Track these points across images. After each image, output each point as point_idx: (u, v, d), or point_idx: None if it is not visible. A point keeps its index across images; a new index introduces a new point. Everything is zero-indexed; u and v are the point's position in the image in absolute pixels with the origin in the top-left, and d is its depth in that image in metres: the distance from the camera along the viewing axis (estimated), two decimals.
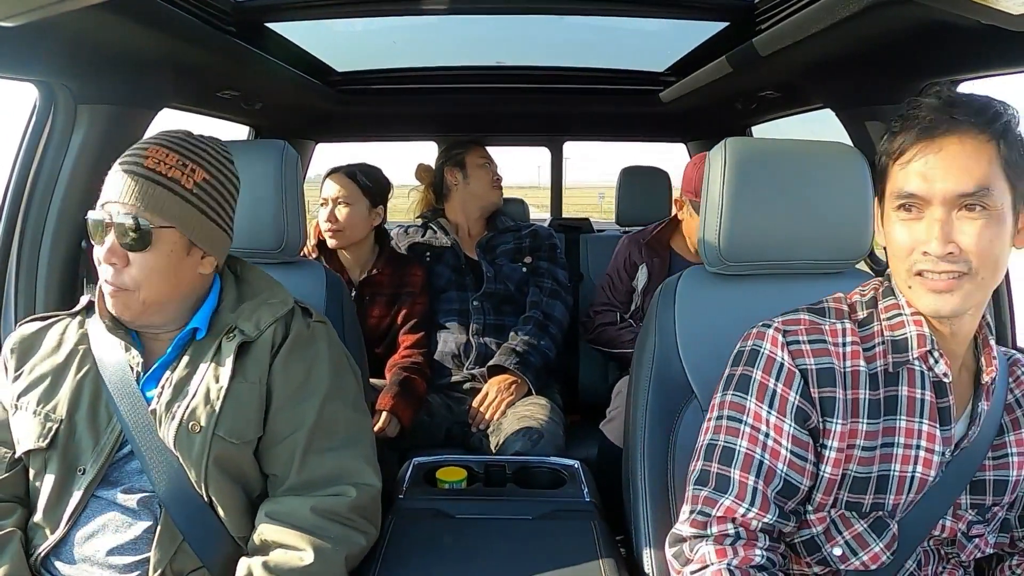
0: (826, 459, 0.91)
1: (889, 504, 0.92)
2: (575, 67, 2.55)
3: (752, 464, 0.91)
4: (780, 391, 0.91)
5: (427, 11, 1.83)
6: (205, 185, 1.04)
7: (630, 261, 2.11)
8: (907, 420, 0.91)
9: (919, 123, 0.85)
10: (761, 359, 0.93)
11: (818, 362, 0.92)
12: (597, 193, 24.30)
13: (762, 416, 0.92)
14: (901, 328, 0.92)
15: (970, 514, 0.95)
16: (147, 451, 1.01)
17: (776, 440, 0.91)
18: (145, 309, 1.03)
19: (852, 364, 0.92)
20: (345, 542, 1.02)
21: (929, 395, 0.91)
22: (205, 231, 1.04)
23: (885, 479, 0.91)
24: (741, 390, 0.94)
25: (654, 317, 1.25)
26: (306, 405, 1.05)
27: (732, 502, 0.90)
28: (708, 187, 1.20)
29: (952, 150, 0.83)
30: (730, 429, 0.93)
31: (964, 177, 0.82)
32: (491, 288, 2.05)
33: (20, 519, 1.04)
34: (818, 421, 0.91)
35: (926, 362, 0.92)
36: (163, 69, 1.59)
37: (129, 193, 0.99)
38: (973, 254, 0.83)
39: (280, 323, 1.08)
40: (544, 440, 1.70)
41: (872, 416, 0.91)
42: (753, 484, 0.90)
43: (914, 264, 0.86)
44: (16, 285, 1.51)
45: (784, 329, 0.94)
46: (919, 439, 0.91)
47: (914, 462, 0.91)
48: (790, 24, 1.43)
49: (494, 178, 2.21)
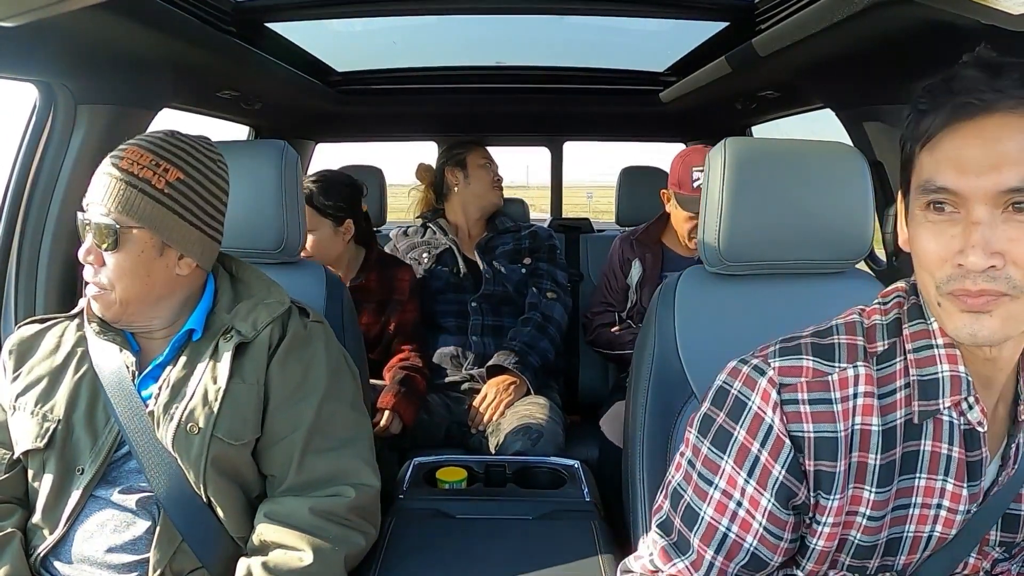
0: (818, 534, 0.76)
1: (899, 564, 0.79)
2: (575, 67, 2.55)
3: (714, 537, 0.76)
4: (764, 460, 0.74)
5: (427, 11, 1.83)
6: (179, 185, 1.02)
7: (623, 258, 2.12)
8: (928, 479, 0.75)
9: (953, 99, 0.66)
10: (747, 415, 0.75)
11: (818, 429, 0.73)
12: (585, 192, 24.24)
13: (737, 483, 0.75)
14: (931, 365, 0.73)
15: (997, 551, 0.81)
16: (145, 452, 1.01)
17: (749, 512, 0.75)
18: (123, 309, 1.03)
19: (862, 422, 0.74)
20: (344, 542, 1.02)
21: (957, 451, 0.74)
22: (179, 232, 1.03)
23: (896, 542, 0.77)
24: (718, 447, 0.77)
25: (654, 317, 1.25)
26: (304, 405, 1.05)
27: (686, 567, 0.78)
28: (708, 187, 1.20)
29: (996, 132, 0.64)
30: (698, 489, 0.78)
31: (1012, 167, 0.63)
32: (489, 289, 2.05)
33: (20, 520, 1.04)
34: (808, 497, 0.75)
35: (957, 408, 0.74)
36: (163, 69, 1.59)
37: (104, 194, 1.00)
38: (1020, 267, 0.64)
39: (277, 323, 1.08)
40: (544, 439, 1.69)
41: (882, 484, 0.74)
42: (711, 559, 0.77)
43: (948, 280, 0.67)
44: (16, 285, 1.51)
45: (780, 383, 0.75)
46: (940, 498, 0.75)
47: (932, 522, 0.76)
48: (790, 24, 1.43)
49: (494, 179, 2.20)
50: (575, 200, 26.02)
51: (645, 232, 2.12)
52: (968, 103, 0.65)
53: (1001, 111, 0.64)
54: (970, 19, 1.00)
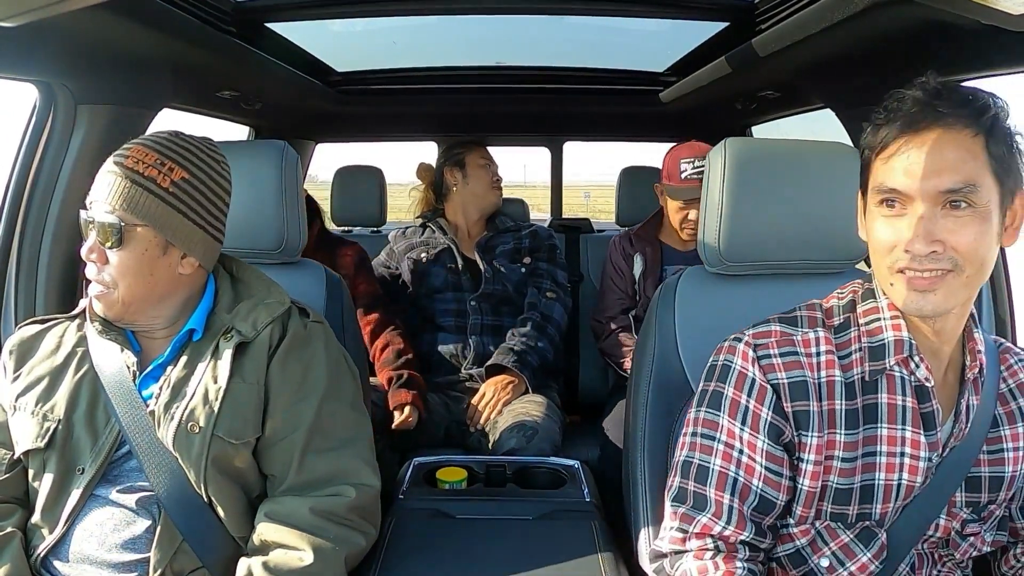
0: (803, 472, 0.89)
1: (876, 513, 0.90)
2: (575, 67, 2.55)
3: (727, 482, 0.89)
4: (752, 407, 0.89)
5: (427, 11, 1.83)
6: (184, 184, 1.03)
7: (625, 253, 2.12)
8: (888, 428, 0.88)
9: (902, 116, 0.82)
10: (732, 375, 0.91)
11: (790, 376, 0.89)
12: (583, 192, 24.11)
13: (735, 433, 0.90)
14: (879, 333, 0.89)
15: (965, 512, 0.92)
16: (145, 451, 1.01)
17: (750, 457, 0.89)
18: (125, 308, 1.03)
19: (827, 374, 0.89)
20: (344, 542, 1.02)
21: (911, 401, 0.89)
22: (182, 230, 1.03)
23: (870, 489, 0.89)
24: (713, 407, 0.92)
25: (654, 317, 1.25)
26: (304, 405, 1.05)
27: (709, 519, 0.89)
28: (708, 187, 1.20)
29: (937, 144, 0.79)
30: (704, 447, 0.91)
31: (949, 173, 0.78)
32: (489, 289, 2.05)
33: (20, 520, 1.04)
34: (792, 435, 0.89)
35: (907, 367, 0.89)
36: (163, 69, 1.59)
37: (108, 192, 1.00)
38: (958, 252, 0.79)
39: (277, 323, 1.08)
40: (538, 436, 1.69)
41: (850, 427, 0.88)
42: (729, 502, 0.88)
43: (896, 261, 0.82)
44: (16, 285, 1.51)
45: (754, 343, 0.92)
46: (903, 446, 0.88)
47: (899, 469, 0.88)
48: (790, 24, 1.43)
49: (494, 179, 2.19)
50: (572, 200, 25.95)
51: (643, 228, 2.14)
52: (915, 119, 0.81)
53: (941, 127, 0.80)
54: (970, 19, 1.00)
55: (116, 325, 1.06)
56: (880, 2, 1.13)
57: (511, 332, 1.98)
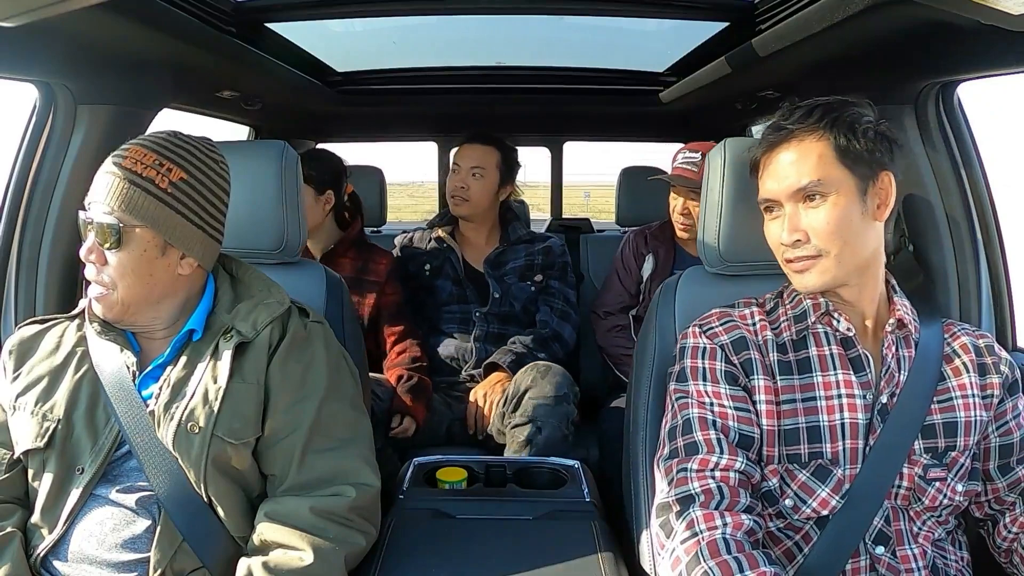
0: (759, 412, 1.02)
1: (828, 452, 1.00)
2: (575, 67, 2.55)
3: (707, 423, 1.01)
4: (707, 365, 1.05)
5: (427, 11, 1.83)
6: (182, 185, 1.03)
7: (637, 251, 2.12)
8: (823, 375, 1.03)
9: (764, 141, 1.04)
10: (687, 351, 1.08)
11: (731, 336, 1.06)
12: (583, 192, 23.94)
13: (702, 390, 1.04)
14: (800, 304, 1.07)
15: (925, 458, 1.01)
16: (145, 451, 1.01)
17: (720, 405, 1.02)
18: (125, 309, 1.03)
19: (762, 336, 1.07)
20: (344, 542, 1.02)
21: (837, 349, 1.04)
22: (181, 231, 1.03)
23: (816, 429, 1.01)
24: (681, 380, 1.07)
25: (654, 317, 1.25)
26: (304, 405, 1.05)
27: (704, 456, 0.99)
28: (708, 187, 1.20)
29: (787, 156, 1.01)
30: (681, 406, 1.05)
31: (795, 175, 0.99)
32: (496, 309, 2.02)
33: (20, 520, 1.04)
34: (745, 380, 1.04)
35: (829, 325, 1.05)
36: (163, 69, 1.59)
37: (107, 193, 1.00)
38: (818, 236, 0.98)
39: (277, 323, 1.08)
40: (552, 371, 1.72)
41: (784, 373, 1.04)
42: (716, 436, 1.00)
43: (783, 254, 1.03)
44: (16, 285, 1.51)
45: (699, 324, 1.10)
46: (838, 388, 1.02)
47: (840, 410, 1.01)
48: (790, 24, 1.43)
49: (452, 186, 2.05)
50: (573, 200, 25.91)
51: (660, 228, 2.13)
52: (772, 141, 1.03)
53: (791, 140, 1.01)
54: (970, 19, 1.00)
55: (115, 325, 1.06)
56: (880, 2, 1.13)
57: (514, 338, 1.97)
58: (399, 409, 1.76)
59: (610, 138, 3.48)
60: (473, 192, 2.03)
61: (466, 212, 2.06)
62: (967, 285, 1.55)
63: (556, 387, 1.69)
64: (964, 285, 1.55)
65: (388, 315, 1.94)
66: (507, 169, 2.09)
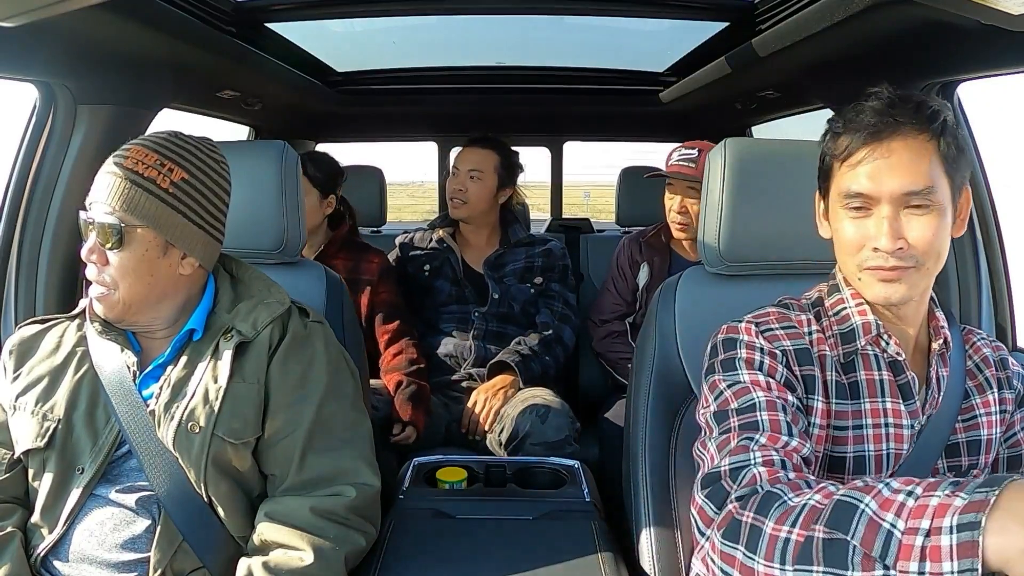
0: (811, 436, 0.91)
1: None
2: (575, 67, 2.55)
3: (775, 406, 0.88)
4: (768, 363, 0.93)
5: (427, 11, 1.83)
6: (184, 185, 1.03)
7: (632, 260, 2.10)
8: (871, 401, 0.95)
9: (866, 127, 0.89)
10: (740, 344, 0.95)
11: (795, 344, 0.95)
12: (583, 192, 23.80)
13: (759, 380, 0.91)
14: (847, 320, 0.97)
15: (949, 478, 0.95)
16: (145, 451, 1.01)
17: (780, 395, 0.90)
18: (126, 309, 1.03)
19: (819, 350, 0.96)
20: (344, 542, 1.02)
21: (887, 374, 0.96)
22: (182, 231, 1.03)
23: (862, 460, 0.94)
24: (729, 370, 0.93)
25: (654, 317, 1.25)
26: (304, 405, 1.05)
27: (771, 433, 0.85)
28: (708, 187, 1.20)
29: (898, 151, 0.87)
30: (737, 392, 0.91)
31: (910, 177, 0.86)
32: (495, 309, 2.03)
33: (20, 519, 1.04)
34: (803, 395, 0.93)
35: (878, 345, 0.96)
36: (163, 69, 1.59)
37: (108, 193, 0.99)
38: (920, 249, 0.87)
39: (277, 323, 1.08)
40: (552, 413, 1.70)
41: (841, 397, 0.95)
42: (785, 420, 0.87)
43: (865, 260, 0.90)
44: (16, 285, 1.51)
45: (756, 322, 0.97)
46: (886, 417, 0.95)
47: (886, 439, 0.94)
48: (790, 24, 1.43)
49: (451, 188, 2.05)
50: (572, 200, 25.79)
51: (654, 235, 2.10)
52: (877, 129, 0.88)
53: (900, 134, 0.87)
54: (970, 19, 1.00)
55: (116, 325, 1.06)
56: (880, 2, 1.13)
57: (519, 339, 1.97)
58: (399, 419, 1.76)
59: (610, 138, 3.49)
60: (471, 195, 2.03)
61: (464, 214, 2.06)
62: (967, 285, 1.55)
63: (557, 430, 1.69)
64: (964, 285, 1.55)
65: (382, 314, 1.93)
66: (507, 172, 2.09)
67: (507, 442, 1.74)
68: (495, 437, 1.80)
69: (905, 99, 0.89)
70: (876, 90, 0.91)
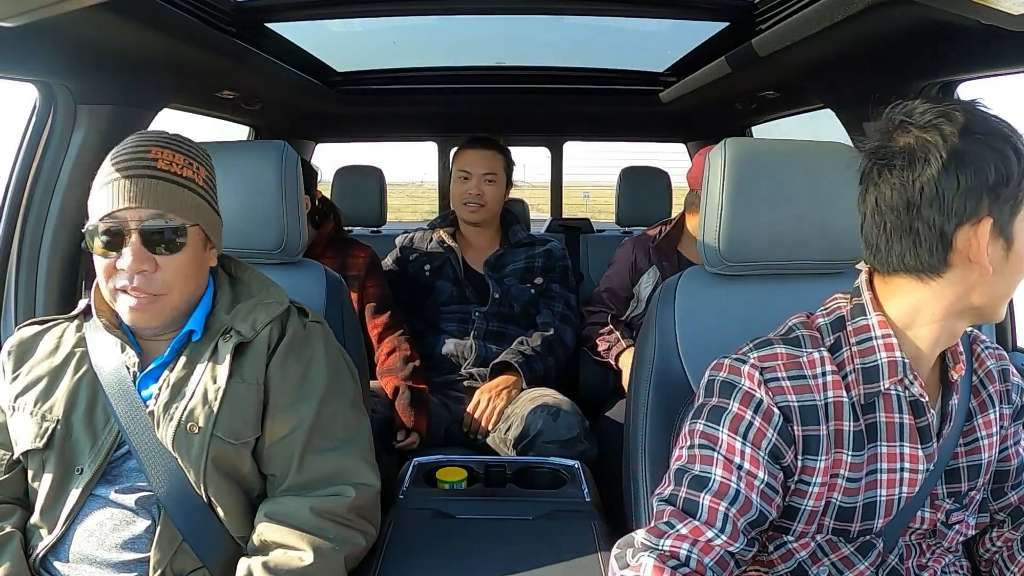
0: (808, 494, 0.88)
1: (877, 527, 0.90)
2: (575, 67, 2.55)
3: (727, 493, 0.84)
4: (758, 424, 0.86)
5: (427, 11, 1.83)
6: (208, 181, 1.07)
7: (635, 267, 2.07)
8: (888, 445, 0.88)
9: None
10: (738, 393, 0.88)
11: (800, 399, 0.86)
12: (582, 192, 23.70)
13: (735, 447, 0.85)
14: (871, 354, 0.87)
15: (948, 503, 0.94)
16: (145, 452, 1.01)
17: (751, 473, 0.85)
18: (172, 313, 1.03)
19: (834, 395, 0.87)
20: (344, 542, 1.02)
21: (908, 418, 0.89)
22: (216, 225, 1.08)
23: (872, 506, 0.89)
24: (713, 421, 0.88)
25: (654, 317, 1.25)
26: (304, 405, 1.05)
27: (698, 525, 0.83)
28: (708, 187, 1.20)
29: None
30: (704, 458, 0.87)
31: None
32: (495, 309, 2.02)
33: (19, 520, 1.04)
34: (793, 459, 0.86)
35: (900, 384, 0.88)
36: (163, 69, 1.59)
37: (149, 196, 0.98)
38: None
39: (276, 323, 1.09)
40: (563, 412, 1.70)
41: (856, 447, 0.88)
42: (725, 511, 0.83)
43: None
44: (16, 285, 1.51)
45: (761, 366, 0.88)
46: (902, 462, 0.89)
47: (899, 484, 0.89)
48: (790, 24, 1.43)
49: (467, 193, 2.04)
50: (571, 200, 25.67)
51: (665, 239, 2.07)
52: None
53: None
54: (970, 19, 1.00)
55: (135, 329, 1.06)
56: (880, 2, 1.13)
57: (521, 338, 1.96)
58: (401, 426, 1.76)
59: (610, 138, 3.49)
60: (488, 198, 2.04)
61: (481, 218, 2.07)
62: None
63: (568, 428, 1.68)
64: None
65: (371, 308, 1.93)
66: (510, 172, 2.11)
67: (516, 441, 1.73)
68: (501, 436, 1.80)
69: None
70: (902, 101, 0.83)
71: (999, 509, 1.01)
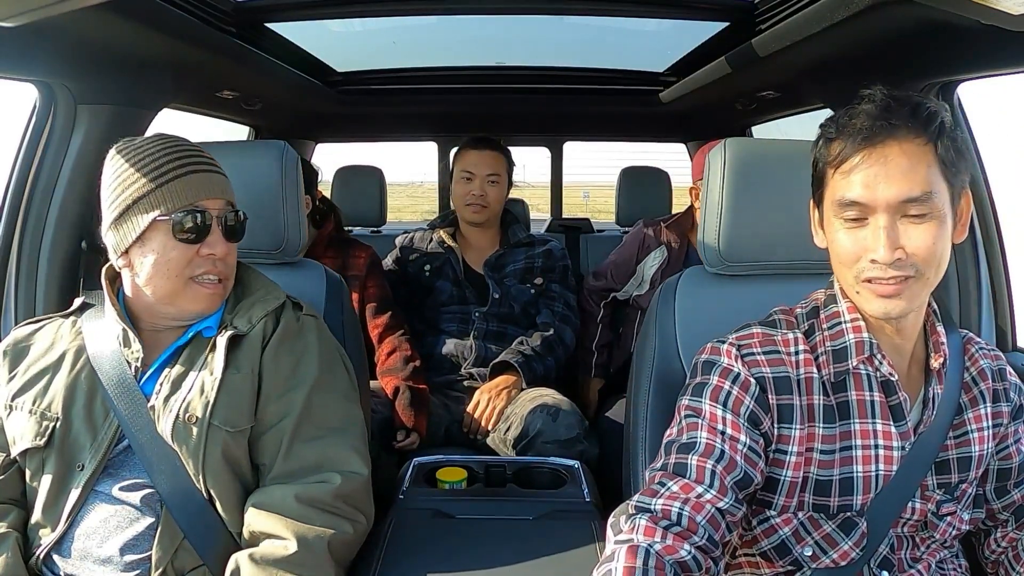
0: (786, 464, 0.92)
1: (857, 504, 0.93)
2: (575, 67, 2.56)
3: (712, 453, 0.89)
4: (735, 394, 0.92)
5: (427, 11, 1.83)
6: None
7: (644, 245, 2.09)
8: (860, 422, 0.93)
9: (859, 132, 0.84)
10: (717, 368, 0.94)
11: (774, 371, 0.93)
12: (582, 192, 23.67)
13: (717, 415, 0.91)
14: (840, 337, 0.93)
15: (938, 494, 0.95)
16: (146, 446, 1.01)
17: (733, 437, 0.90)
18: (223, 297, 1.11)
19: (806, 372, 0.93)
20: (330, 529, 1.01)
21: (878, 395, 0.93)
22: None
23: (849, 481, 0.92)
24: (696, 395, 0.94)
25: (654, 317, 1.25)
26: (294, 394, 1.06)
27: (687, 482, 0.87)
28: (708, 187, 1.20)
29: (894, 157, 0.83)
30: (689, 426, 0.92)
31: (907, 183, 0.82)
32: (495, 310, 2.03)
33: (16, 520, 1.04)
34: (770, 427, 0.92)
35: (871, 364, 0.93)
36: (163, 69, 1.59)
37: (217, 188, 1.07)
38: (920, 258, 0.84)
39: (271, 316, 1.11)
40: (563, 412, 1.70)
41: (828, 420, 0.92)
42: (712, 468, 0.87)
43: (862, 271, 0.86)
44: (16, 285, 1.51)
45: (738, 344, 0.95)
46: (876, 439, 0.92)
47: (875, 461, 0.92)
48: (790, 24, 1.43)
49: (470, 194, 2.04)
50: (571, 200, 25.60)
51: (675, 221, 2.10)
52: (871, 134, 0.84)
53: (897, 139, 0.83)
54: (970, 19, 1.00)
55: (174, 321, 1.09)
56: (880, 2, 1.13)
57: (521, 339, 1.97)
58: (401, 426, 1.76)
59: (610, 138, 3.49)
60: (492, 199, 2.05)
61: (485, 219, 2.07)
62: (967, 287, 1.55)
63: (568, 428, 1.69)
64: (964, 287, 1.55)
65: (372, 308, 1.93)
66: (511, 173, 2.12)
67: (516, 441, 1.74)
68: (500, 436, 1.80)
69: (901, 101, 0.84)
70: (870, 92, 0.87)
71: (1003, 508, 1.02)
